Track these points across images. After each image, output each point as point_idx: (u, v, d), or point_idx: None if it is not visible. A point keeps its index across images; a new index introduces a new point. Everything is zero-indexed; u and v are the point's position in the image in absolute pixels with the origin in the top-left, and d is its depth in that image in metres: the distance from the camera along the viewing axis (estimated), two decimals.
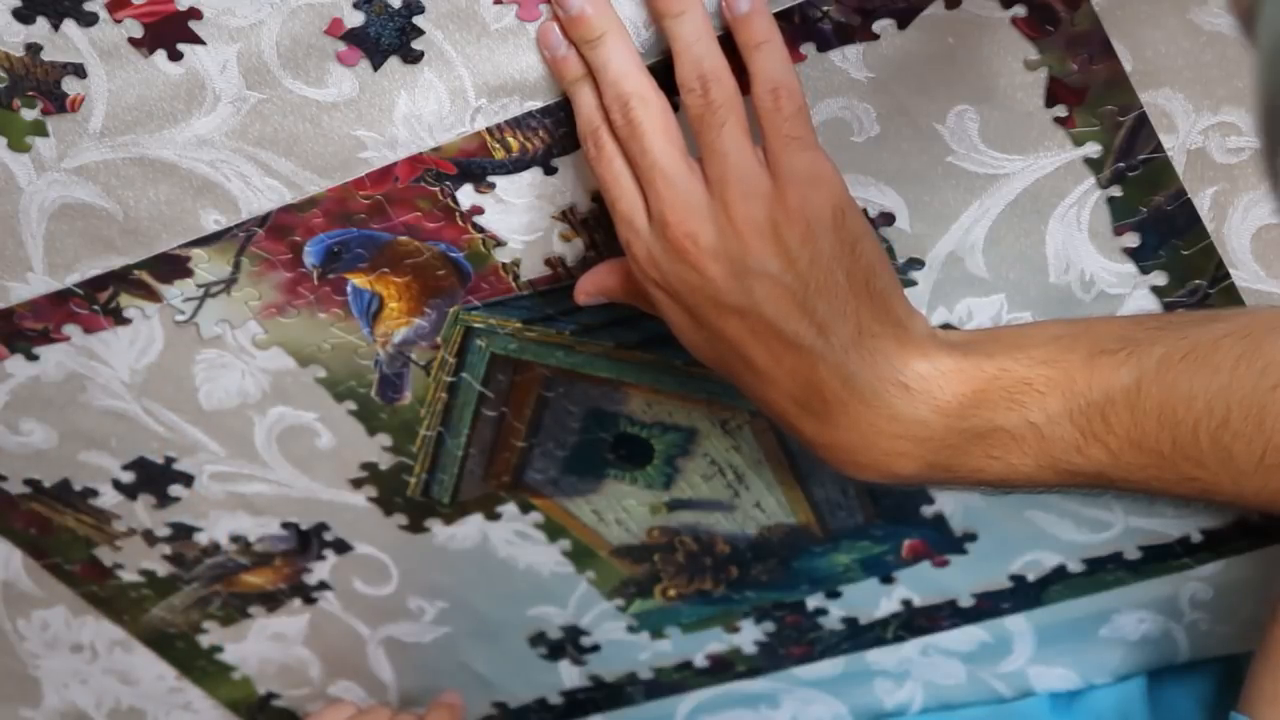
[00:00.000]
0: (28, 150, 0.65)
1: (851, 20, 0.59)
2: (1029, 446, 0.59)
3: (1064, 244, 0.65)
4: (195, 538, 0.81)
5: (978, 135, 0.62)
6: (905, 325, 0.60)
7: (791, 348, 0.59)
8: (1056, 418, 0.59)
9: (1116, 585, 0.79)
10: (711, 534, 0.80)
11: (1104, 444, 0.58)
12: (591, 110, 0.61)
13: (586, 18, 0.59)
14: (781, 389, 0.61)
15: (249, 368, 0.73)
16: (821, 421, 0.61)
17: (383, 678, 0.90)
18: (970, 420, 0.60)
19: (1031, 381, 0.59)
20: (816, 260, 0.58)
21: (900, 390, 0.60)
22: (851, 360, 0.59)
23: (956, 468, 0.61)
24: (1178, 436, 0.57)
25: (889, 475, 0.62)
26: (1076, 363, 0.59)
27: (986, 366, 0.60)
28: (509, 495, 0.79)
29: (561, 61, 0.60)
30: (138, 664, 0.90)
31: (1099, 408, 0.58)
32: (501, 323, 0.70)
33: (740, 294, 0.59)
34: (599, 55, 0.59)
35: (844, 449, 0.61)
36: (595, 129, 0.61)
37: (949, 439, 0.60)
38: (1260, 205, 0.63)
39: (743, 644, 0.85)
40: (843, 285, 0.59)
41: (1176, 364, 0.57)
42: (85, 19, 0.61)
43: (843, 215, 0.59)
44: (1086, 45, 0.59)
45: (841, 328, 0.59)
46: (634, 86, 0.59)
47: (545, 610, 0.85)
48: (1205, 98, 0.60)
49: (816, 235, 0.58)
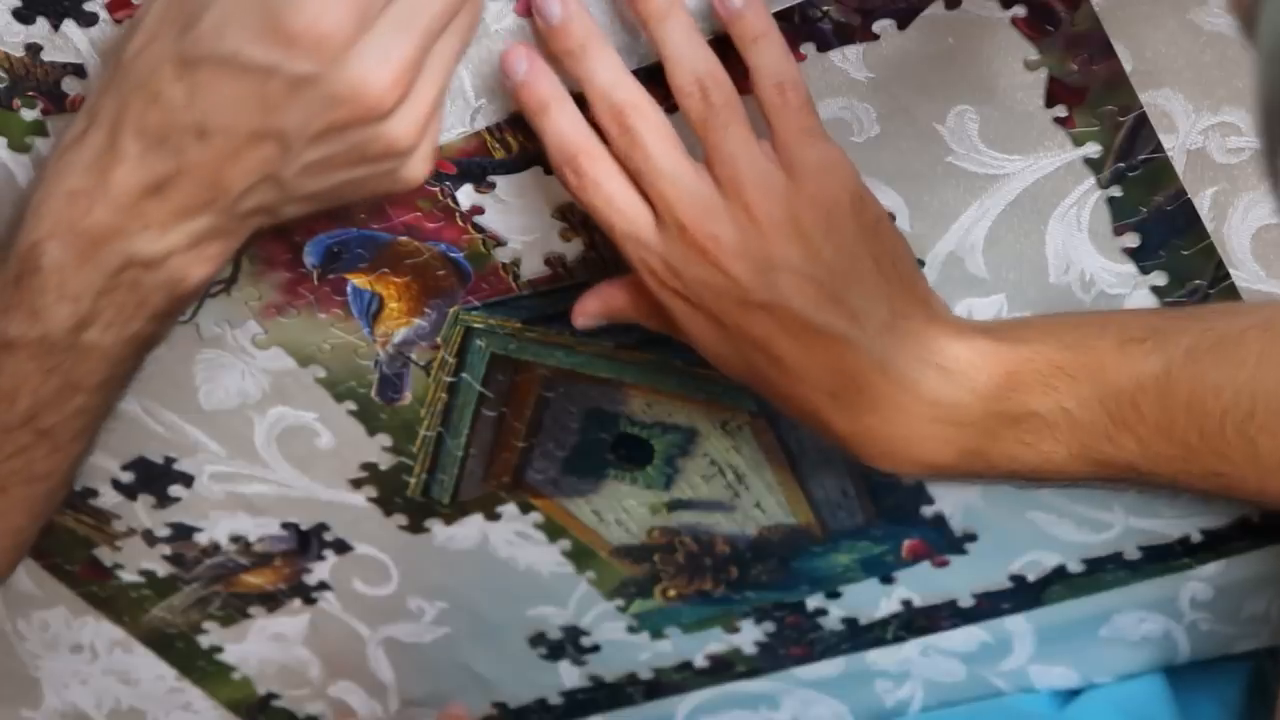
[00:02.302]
0: (28, 150, 0.65)
1: (851, 20, 0.59)
2: (1061, 433, 0.59)
3: (1064, 244, 0.65)
4: (195, 538, 0.81)
5: (978, 135, 0.62)
6: (933, 307, 0.60)
7: (823, 338, 0.59)
8: (1088, 402, 0.58)
9: (1116, 585, 0.79)
10: (711, 534, 0.80)
11: (1134, 433, 0.58)
12: (565, 134, 0.59)
13: (570, 28, 0.58)
14: (813, 383, 0.60)
15: (249, 368, 0.73)
16: (857, 411, 0.60)
17: (383, 678, 0.90)
18: (1005, 403, 0.59)
19: (1064, 366, 0.59)
20: (841, 248, 0.58)
21: (938, 373, 0.59)
22: (887, 345, 0.59)
23: (991, 454, 0.60)
24: (1205, 427, 0.57)
25: (925, 465, 0.61)
26: (1107, 349, 0.59)
27: (1021, 349, 0.60)
28: (509, 495, 0.79)
29: (526, 86, 0.59)
30: (138, 664, 0.90)
31: (1130, 395, 0.58)
32: (501, 323, 0.70)
33: (766, 290, 0.58)
34: (584, 67, 0.59)
35: (881, 439, 0.61)
36: (573, 155, 0.59)
37: (986, 423, 0.60)
38: (1260, 205, 0.63)
39: (743, 644, 0.85)
40: (871, 270, 0.59)
41: (1204, 355, 0.57)
42: (85, 19, 0.61)
43: (861, 201, 0.59)
44: (1086, 45, 0.59)
45: (874, 313, 0.59)
46: (627, 95, 0.59)
47: (545, 610, 0.85)
48: (1205, 98, 0.60)
49: (839, 223, 0.58)
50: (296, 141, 0.55)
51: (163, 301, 0.59)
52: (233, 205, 0.57)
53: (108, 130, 0.56)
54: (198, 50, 0.53)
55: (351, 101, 0.54)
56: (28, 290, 0.57)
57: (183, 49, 0.54)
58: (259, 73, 0.53)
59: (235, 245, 0.59)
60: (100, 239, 0.56)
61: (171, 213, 0.56)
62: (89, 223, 0.56)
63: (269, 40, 0.53)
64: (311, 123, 0.55)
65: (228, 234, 0.58)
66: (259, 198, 0.57)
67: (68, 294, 0.57)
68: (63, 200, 0.56)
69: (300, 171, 0.56)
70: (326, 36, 0.52)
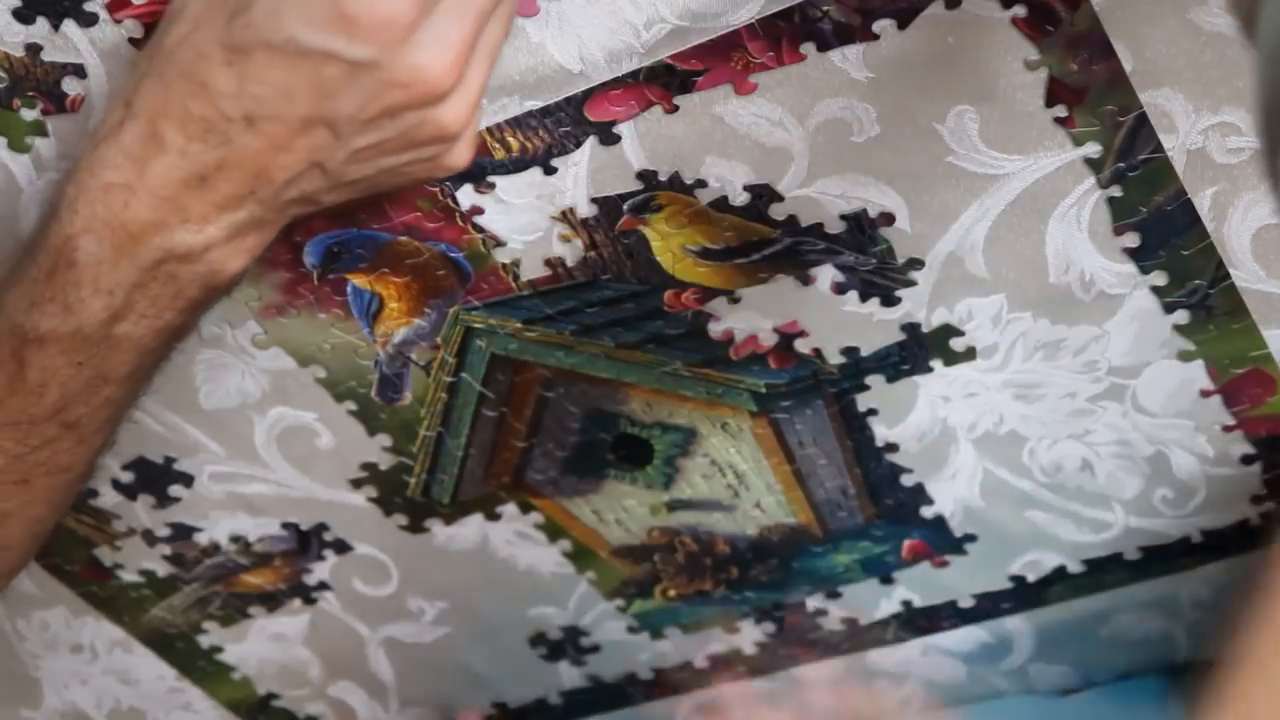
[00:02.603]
0: (28, 150, 0.65)
1: (851, 20, 0.59)
2: None
3: (1064, 244, 0.65)
4: (195, 538, 0.81)
5: (978, 135, 0.62)
6: None
7: None
8: None
9: (1116, 585, 0.79)
10: (711, 534, 0.80)
11: None
12: None
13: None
14: None
15: (249, 368, 0.73)
16: None
17: (383, 678, 0.90)
18: None
19: None
20: None
21: None
22: None
23: None
24: None
25: None
26: None
27: None
28: (509, 495, 0.79)
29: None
30: (138, 664, 0.90)
31: None
32: (501, 323, 0.70)
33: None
34: None
35: None
36: None
37: None
38: (1260, 205, 0.63)
39: (743, 644, 0.85)
40: None
41: None
42: (85, 19, 0.60)
43: None
44: (1086, 45, 0.59)
45: None
46: None
47: (545, 610, 0.85)
48: (1205, 98, 0.60)
49: None
50: (348, 128, 0.54)
51: (198, 293, 0.58)
52: (276, 195, 0.56)
53: (147, 121, 0.54)
54: (250, 36, 0.52)
55: (410, 85, 0.53)
56: (62, 284, 0.56)
57: (233, 35, 0.52)
58: (316, 58, 0.52)
59: (271, 235, 0.58)
60: (138, 233, 0.55)
61: (213, 205, 0.55)
62: (126, 216, 0.55)
63: (330, 25, 0.51)
64: (366, 108, 0.53)
65: (266, 224, 0.57)
66: (303, 186, 0.56)
67: (103, 288, 0.56)
68: (99, 194, 0.55)
69: (347, 158, 0.55)
70: (390, 21, 0.51)
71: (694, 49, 0.60)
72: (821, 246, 0.66)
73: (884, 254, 0.66)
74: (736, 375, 0.71)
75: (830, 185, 0.64)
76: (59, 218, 0.56)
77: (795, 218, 0.65)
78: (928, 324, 0.69)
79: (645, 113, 0.62)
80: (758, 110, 0.62)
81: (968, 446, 0.74)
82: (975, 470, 0.75)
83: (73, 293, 0.56)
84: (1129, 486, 0.74)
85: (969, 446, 0.74)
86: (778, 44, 0.60)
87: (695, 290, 0.68)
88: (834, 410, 0.73)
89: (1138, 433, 0.72)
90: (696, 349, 0.70)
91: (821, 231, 0.65)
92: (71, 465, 0.62)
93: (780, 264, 0.67)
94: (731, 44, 0.60)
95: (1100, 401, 0.71)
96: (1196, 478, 0.73)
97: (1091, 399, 0.71)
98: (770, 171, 0.64)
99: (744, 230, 0.66)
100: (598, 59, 0.61)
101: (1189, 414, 0.71)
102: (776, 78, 0.61)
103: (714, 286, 0.68)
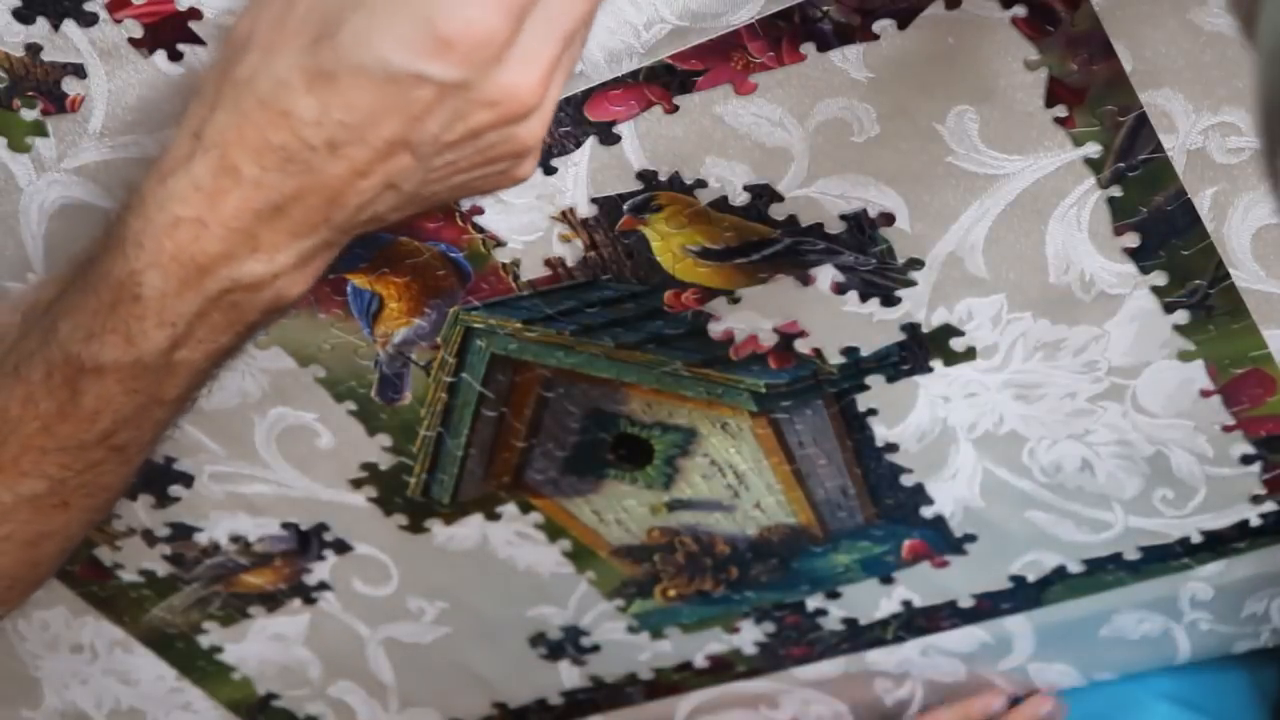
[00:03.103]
0: (28, 150, 0.65)
1: (851, 20, 0.59)
2: None
3: (1064, 244, 0.65)
4: (195, 538, 0.81)
5: (978, 135, 0.62)
6: None
7: None
8: None
9: (1116, 585, 0.79)
10: (711, 534, 0.80)
11: None
12: None
13: None
14: None
15: (249, 368, 0.73)
16: None
17: (383, 678, 0.90)
18: None
19: None
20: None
21: None
22: None
23: None
24: None
25: None
26: None
27: None
28: (509, 495, 0.79)
29: None
30: (138, 664, 0.90)
31: None
32: (501, 323, 0.70)
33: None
34: None
35: None
36: None
37: None
38: (1260, 205, 0.63)
39: (743, 644, 0.85)
40: None
41: None
42: (85, 19, 0.60)
43: None
44: (1086, 45, 0.59)
45: None
46: None
47: (545, 610, 0.85)
48: (1205, 98, 0.60)
49: None
50: (430, 149, 0.53)
51: (258, 317, 0.57)
52: (349, 219, 0.55)
53: (221, 153, 0.53)
54: (336, 61, 0.51)
55: (499, 106, 0.52)
56: (124, 317, 0.55)
57: (317, 61, 0.51)
58: (406, 81, 0.50)
59: (334, 256, 0.57)
60: (207, 265, 0.54)
61: (286, 233, 0.54)
62: (195, 250, 0.54)
63: (423, 47, 0.50)
64: (452, 129, 0.52)
65: (333, 246, 0.56)
66: (375, 208, 0.55)
67: (166, 320, 0.55)
68: (167, 228, 0.54)
69: (424, 179, 0.54)
70: (484, 42, 0.50)
71: (694, 49, 0.60)
72: (821, 246, 0.66)
73: (884, 254, 0.66)
74: (736, 375, 0.71)
75: (830, 185, 0.64)
76: (124, 252, 0.55)
77: (795, 218, 0.65)
78: (928, 324, 0.69)
79: (645, 113, 0.62)
80: (758, 110, 0.62)
81: (968, 446, 0.74)
82: (975, 470, 0.75)
83: (135, 325, 0.55)
84: (1129, 486, 0.74)
85: (969, 446, 0.74)
86: (778, 44, 0.60)
87: (695, 290, 0.68)
88: (834, 410, 0.73)
89: (1138, 433, 0.72)
90: (696, 349, 0.70)
91: (821, 231, 0.65)
92: (112, 485, 0.62)
93: (780, 264, 0.67)
94: (731, 44, 0.60)
95: (1100, 401, 0.71)
96: (1196, 478, 0.73)
97: (1091, 399, 0.71)
98: (770, 171, 0.64)
99: (744, 230, 0.66)
100: (598, 59, 0.61)
101: (1189, 414, 0.71)
102: (776, 78, 0.61)
103: (714, 286, 0.68)
